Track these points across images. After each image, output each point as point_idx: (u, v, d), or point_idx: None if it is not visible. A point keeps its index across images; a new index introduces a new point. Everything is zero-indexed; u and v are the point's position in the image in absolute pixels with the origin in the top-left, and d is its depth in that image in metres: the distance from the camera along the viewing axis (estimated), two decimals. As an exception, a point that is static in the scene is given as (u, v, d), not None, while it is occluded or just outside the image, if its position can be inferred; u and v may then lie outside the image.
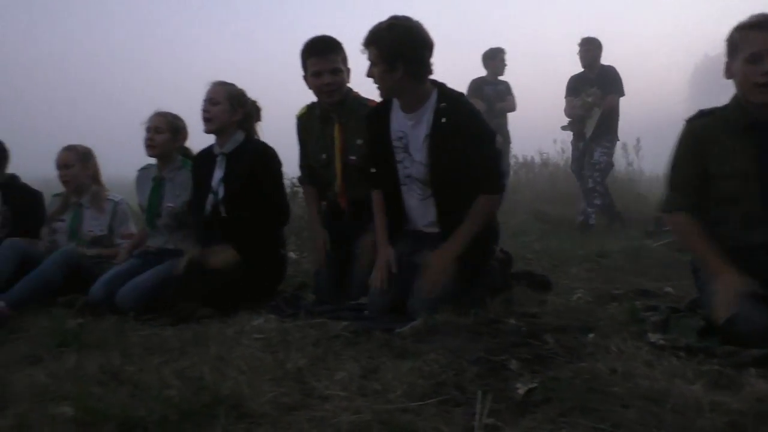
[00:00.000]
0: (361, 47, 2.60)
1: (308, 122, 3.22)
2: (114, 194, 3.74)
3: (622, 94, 6.08)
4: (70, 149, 3.60)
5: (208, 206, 3.09)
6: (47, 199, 3.78)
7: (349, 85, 3.12)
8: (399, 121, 2.70)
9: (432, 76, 2.66)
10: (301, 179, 3.42)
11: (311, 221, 3.36)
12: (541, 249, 4.43)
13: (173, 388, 1.61)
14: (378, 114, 2.78)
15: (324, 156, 3.13)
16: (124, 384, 1.75)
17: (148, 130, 3.28)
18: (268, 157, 3.14)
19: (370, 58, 2.57)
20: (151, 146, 3.26)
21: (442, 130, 2.58)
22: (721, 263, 2.14)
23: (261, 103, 3.32)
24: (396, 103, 2.71)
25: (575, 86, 6.20)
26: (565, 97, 6.24)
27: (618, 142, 6.40)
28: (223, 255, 2.96)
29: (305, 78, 3.07)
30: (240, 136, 3.16)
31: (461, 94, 2.77)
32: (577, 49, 6.13)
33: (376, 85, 2.62)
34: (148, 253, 3.36)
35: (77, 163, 3.56)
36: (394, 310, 2.60)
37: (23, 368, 2.00)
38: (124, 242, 3.57)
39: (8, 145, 3.75)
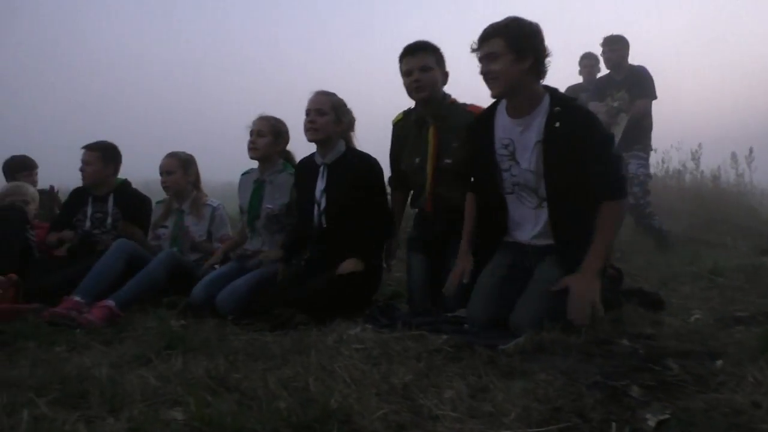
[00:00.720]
0: (474, 45, 2.49)
1: (404, 127, 3.20)
2: (212, 200, 3.85)
3: (653, 97, 5.46)
4: (172, 156, 3.74)
5: (316, 217, 3.10)
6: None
7: (447, 91, 3.09)
8: (505, 127, 2.58)
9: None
10: (391, 183, 3.38)
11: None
12: (646, 264, 4.15)
13: (281, 399, 1.59)
14: (481, 121, 2.69)
15: (417, 160, 3.09)
16: (231, 391, 1.74)
17: (251, 133, 3.35)
18: (371, 168, 3.14)
19: (491, 51, 2.43)
20: (253, 149, 3.33)
21: (555, 136, 2.44)
22: None
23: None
24: (501, 110, 2.60)
25: (600, 90, 5.65)
26: (589, 102, 5.51)
27: (653, 152, 5.81)
28: (350, 264, 2.96)
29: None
30: (342, 147, 3.17)
31: (574, 98, 2.64)
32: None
33: (491, 83, 2.47)
34: (246, 256, 3.42)
35: (179, 170, 3.70)
36: (496, 325, 2.49)
37: (134, 369, 2.04)
38: (220, 246, 3.66)
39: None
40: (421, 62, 2.97)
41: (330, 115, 3.11)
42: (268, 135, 3.36)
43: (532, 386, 1.74)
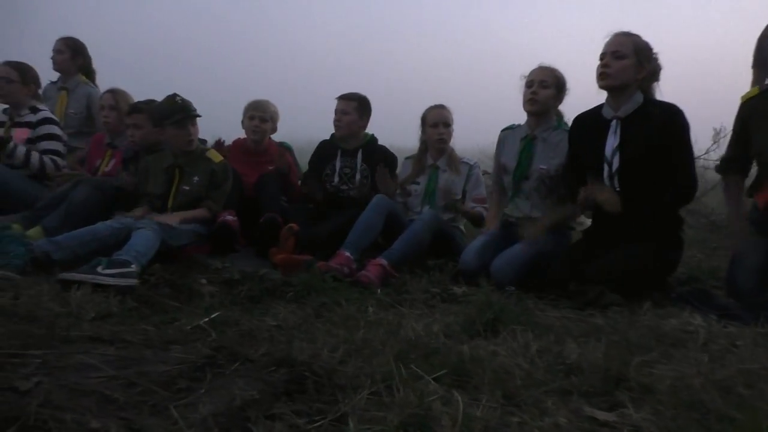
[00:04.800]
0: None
1: (759, 106, 2.65)
2: (468, 157, 3.58)
3: None
4: (444, 107, 3.53)
5: (605, 179, 2.71)
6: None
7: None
8: None
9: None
10: (720, 168, 2.86)
11: (732, 216, 2.83)
12: None
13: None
14: None
15: None
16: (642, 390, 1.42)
17: (530, 84, 2.99)
18: (677, 121, 2.64)
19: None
20: (533, 100, 2.98)
21: None
22: None
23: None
24: None
25: None
26: None
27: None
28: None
29: None
30: (639, 98, 2.71)
31: None
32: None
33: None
34: (510, 223, 3.13)
35: (452, 124, 3.50)
36: None
37: (474, 341, 1.81)
38: (476, 206, 3.40)
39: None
40: None
41: (630, 59, 2.66)
42: (552, 87, 2.98)
43: None
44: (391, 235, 3.13)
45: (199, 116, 3.27)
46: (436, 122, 3.47)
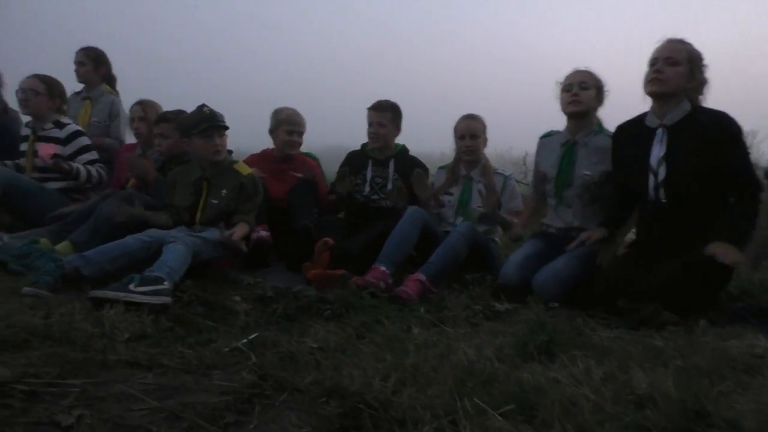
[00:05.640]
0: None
1: None
2: (503, 168, 3.48)
3: None
4: (473, 117, 3.43)
5: (651, 190, 2.59)
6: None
7: None
8: None
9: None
10: None
11: None
12: None
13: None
14: None
15: None
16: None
17: (569, 87, 2.88)
18: (730, 129, 2.51)
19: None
20: (576, 102, 2.86)
21: None
22: None
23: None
24: None
25: None
26: None
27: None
28: (731, 254, 2.32)
29: None
30: (687, 106, 2.59)
31: None
32: None
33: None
34: (551, 234, 3.01)
35: (482, 135, 3.38)
36: None
37: (528, 366, 1.71)
38: (512, 219, 3.29)
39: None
40: None
41: (683, 66, 2.55)
42: (592, 88, 2.87)
43: None
44: (424, 246, 3.03)
45: (227, 128, 3.20)
46: (463, 134, 3.38)
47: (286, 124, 3.76)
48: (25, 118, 3.91)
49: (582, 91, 2.87)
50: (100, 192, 3.60)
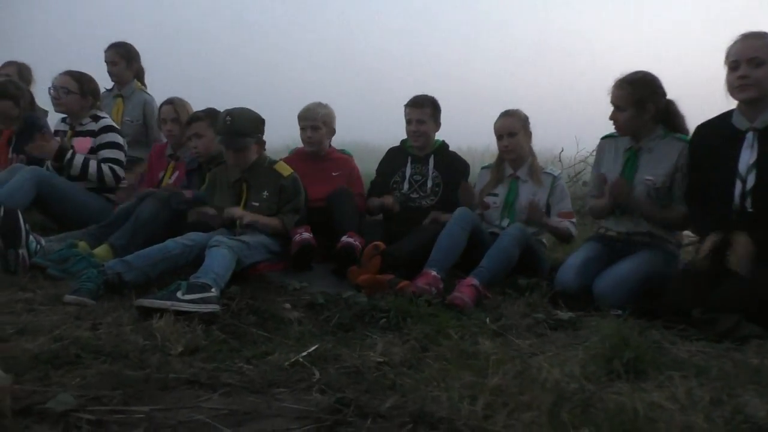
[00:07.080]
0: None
1: None
2: (552, 168, 3.33)
3: None
4: (510, 114, 3.27)
5: (737, 197, 2.43)
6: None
7: None
8: None
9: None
10: None
11: None
12: None
13: None
14: None
15: None
16: None
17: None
18: None
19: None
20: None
21: None
22: None
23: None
24: None
25: None
26: None
27: None
28: None
29: None
30: (778, 108, 2.41)
31: None
32: None
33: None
34: (610, 237, 2.87)
35: (521, 131, 3.21)
36: None
37: (610, 384, 1.58)
38: (562, 221, 3.14)
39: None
40: None
41: None
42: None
43: None
44: (471, 249, 2.90)
45: (238, 147, 2.99)
46: (500, 134, 3.22)
47: (300, 120, 3.62)
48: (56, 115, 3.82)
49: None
50: (130, 192, 3.52)
